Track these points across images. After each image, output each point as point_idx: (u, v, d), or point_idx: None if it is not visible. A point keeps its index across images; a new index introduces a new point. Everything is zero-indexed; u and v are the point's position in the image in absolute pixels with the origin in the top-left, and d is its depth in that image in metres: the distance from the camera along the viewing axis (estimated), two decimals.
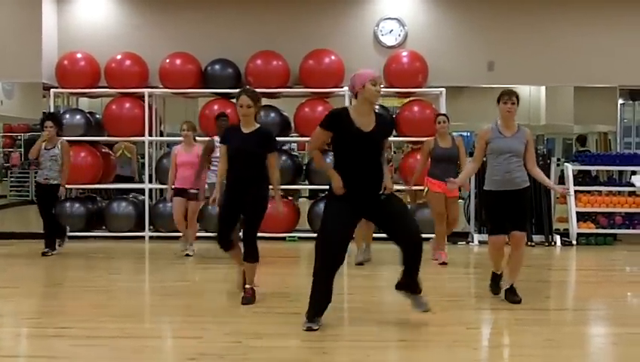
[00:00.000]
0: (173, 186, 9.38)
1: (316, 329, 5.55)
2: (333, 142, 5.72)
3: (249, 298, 6.57)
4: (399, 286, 5.83)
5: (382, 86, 5.76)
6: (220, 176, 6.74)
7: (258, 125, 6.64)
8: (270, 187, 6.63)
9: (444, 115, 9.19)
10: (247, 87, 7.05)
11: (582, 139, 13.09)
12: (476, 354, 5.14)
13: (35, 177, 9.75)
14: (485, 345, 5.47)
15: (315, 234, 10.77)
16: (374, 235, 8.86)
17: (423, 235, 5.74)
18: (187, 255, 9.24)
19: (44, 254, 9.38)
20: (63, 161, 9.51)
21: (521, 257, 6.68)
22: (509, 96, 6.56)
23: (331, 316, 5.86)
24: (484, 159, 6.74)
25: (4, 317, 6.39)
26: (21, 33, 11.48)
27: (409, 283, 5.76)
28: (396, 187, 6.22)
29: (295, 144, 12.97)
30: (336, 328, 5.75)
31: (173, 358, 5.02)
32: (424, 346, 5.28)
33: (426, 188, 8.86)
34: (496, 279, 6.74)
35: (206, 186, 9.19)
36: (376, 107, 5.87)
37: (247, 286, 6.65)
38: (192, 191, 9.29)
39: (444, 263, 8.59)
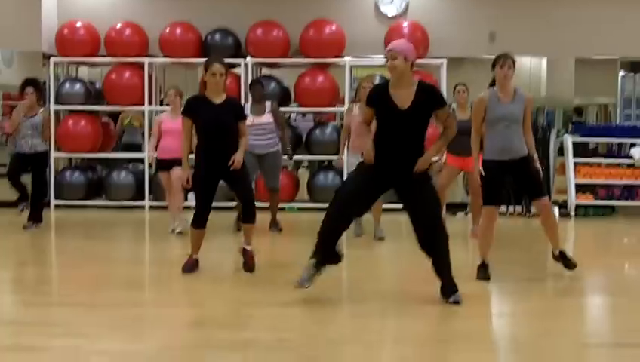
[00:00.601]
0: (156, 155, 8.80)
1: (307, 287, 5.51)
2: (375, 114, 5.61)
3: (251, 264, 6.56)
4: (443, 293, 5.54)
5: (390, 54, 5.46)
6: (186, 151, 6.53)
7: (225, 95, 6.55)
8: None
9: (463, 84, 8.77)
10: (216, 55, 6.95)
11: (579, 110, 13.10)
12: (470, 323, 5.18)
13: (15, 148, 9.11)
14: (481, 315, 5.51)
15: (314, 205, 10.94)
16: None
17: None
18: (178, 231, 8.63)
19: (26, 228, 8.93)
20: (43, 134, 9.07)
21: (554, 223, 6.54)
22: (504, 60, 6.31)
23: (331, 286, 5.90)
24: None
25: (3, 285, 6.44)
26: (21, 1, 11.42)
27: (443, 284, 5.54)
28: None
29: (294, 114, 12.92)
30: (335, 298, 5.80)
31: (174, 326, 5.06)
32: (421, 316, 5.31)
33: (442, 159, 8.56)
34: (485, 268, 6.39)
35: None
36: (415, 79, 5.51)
37: (247, 247, 6.62)
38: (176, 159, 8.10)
39: None
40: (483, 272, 6.36)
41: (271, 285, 6.14)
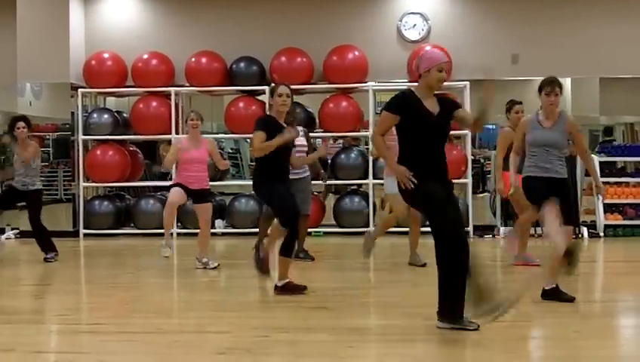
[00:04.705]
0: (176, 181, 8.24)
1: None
2: (401, 127, 5.37)
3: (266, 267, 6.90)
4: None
5: (447, 66, 5.41)
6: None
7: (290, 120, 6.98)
8: None
9: (520, 102, 8.21)
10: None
11: (609, 130, 13.03)
12: (503, 346, 5.15)
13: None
14: (512, 338, 5.47)
15: (341, 230, 10.96)
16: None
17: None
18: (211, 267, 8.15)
19: (47, 260, 8.84)
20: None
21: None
22: (551, 87, 6.24)
23: (358, 310, 5.89)
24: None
25: (35, 314, 6.51)
26: (49, 34, 11.64)
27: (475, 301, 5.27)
28: None
29: (320, 140, 12.97)
30: (363, 322, 5.80)
31: (203, 352, 5.08)
32: (452, 340, 5.28)
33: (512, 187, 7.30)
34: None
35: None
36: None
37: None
38: (203, 190, 8.17)
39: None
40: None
41: (298, 310, 6.14)
